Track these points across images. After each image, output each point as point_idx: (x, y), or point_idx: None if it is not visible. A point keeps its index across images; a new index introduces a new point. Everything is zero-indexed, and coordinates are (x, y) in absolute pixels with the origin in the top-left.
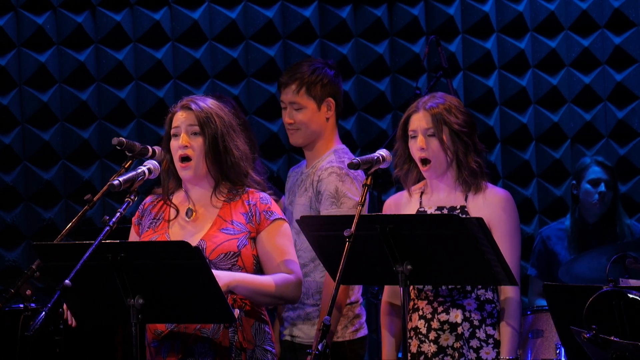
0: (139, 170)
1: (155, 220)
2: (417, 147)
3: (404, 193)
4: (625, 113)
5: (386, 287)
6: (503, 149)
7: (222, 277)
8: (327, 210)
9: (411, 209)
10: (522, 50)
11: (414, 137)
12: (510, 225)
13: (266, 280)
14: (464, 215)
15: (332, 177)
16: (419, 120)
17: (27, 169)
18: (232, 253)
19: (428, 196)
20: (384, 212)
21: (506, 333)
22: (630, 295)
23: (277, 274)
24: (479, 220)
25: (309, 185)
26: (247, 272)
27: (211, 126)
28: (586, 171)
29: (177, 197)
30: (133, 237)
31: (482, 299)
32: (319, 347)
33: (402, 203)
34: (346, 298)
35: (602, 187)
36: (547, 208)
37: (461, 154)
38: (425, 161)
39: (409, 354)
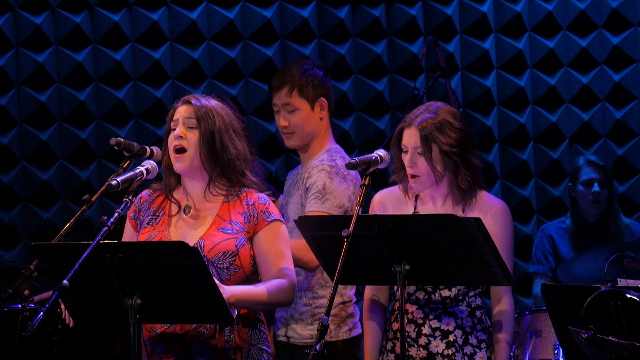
0: (137, 171)
1: (154, 217)
2: (406, 163)
3: (397, 189)
4: (623, 113)
5: (365, 298)
6: (501, 149)
7: (223, 292)
8: (309, 204)
9: (405, 209)
10: (520, 50)
11: (405, 151)
12: (508, 237)
13: (260, 291)
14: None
15: (321, 173)
16: (409, 137)
17: (25, 169)
18: (230, 252)
19: (423, 202)
20: (372, 206)
21: (501, 347)
22: (628, 296)
23: (270, 281)
24: (477, 221)
25: (301, 184)
26: (244, 271)
27: (209, 121)
28: (579, 173)
29: (177, 194)
30: (128, 231)
31: (472, 305)
32: (317, 348)
33: (392, 198)
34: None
35: (596, 187)
36: (545, 208)
37: (450, 172)
38: (413, 176)
39: (391, 355)
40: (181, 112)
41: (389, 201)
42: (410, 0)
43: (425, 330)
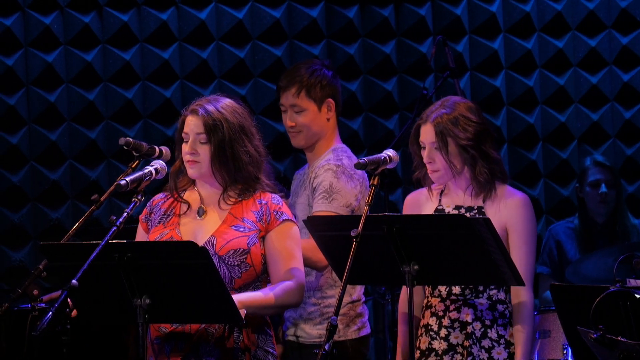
0: (146, 171)
1: (165, 216)
2: (425, 160)
3: (424, 191)
4: (632, 113)
5: (401, 298)
6: (510, 149)
7: None
8: (317, 204)
9: (430, 207)
10: (529, 50)
11: (423, 148)
12: (527, 229)
13: (267, 296)
14: (479, 216)
15: (327, 173)
16: (425, 133)
17: (34, 169)
18: (241, 250)
19: (447, 195)
20: (404, 210)
21: (520, 337)
22: (637, 296)
23: (277, 285)
24: (486, 221)
25: (308, 184)
26: (255, 269)
27: (218, 133)
28: (586, 174)
29: (190, 195)
30: (140, 235)
31: (494, 299)
32: (326, 347)
33: (420, 201)
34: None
35: (603, 188)
36: (554, 208)
37: (469, 166)
38: (433, 171)
39: (417, 352)
40: (190, 125)
41: (412, 202)
42: (420, 0)
43: (445, 322)
